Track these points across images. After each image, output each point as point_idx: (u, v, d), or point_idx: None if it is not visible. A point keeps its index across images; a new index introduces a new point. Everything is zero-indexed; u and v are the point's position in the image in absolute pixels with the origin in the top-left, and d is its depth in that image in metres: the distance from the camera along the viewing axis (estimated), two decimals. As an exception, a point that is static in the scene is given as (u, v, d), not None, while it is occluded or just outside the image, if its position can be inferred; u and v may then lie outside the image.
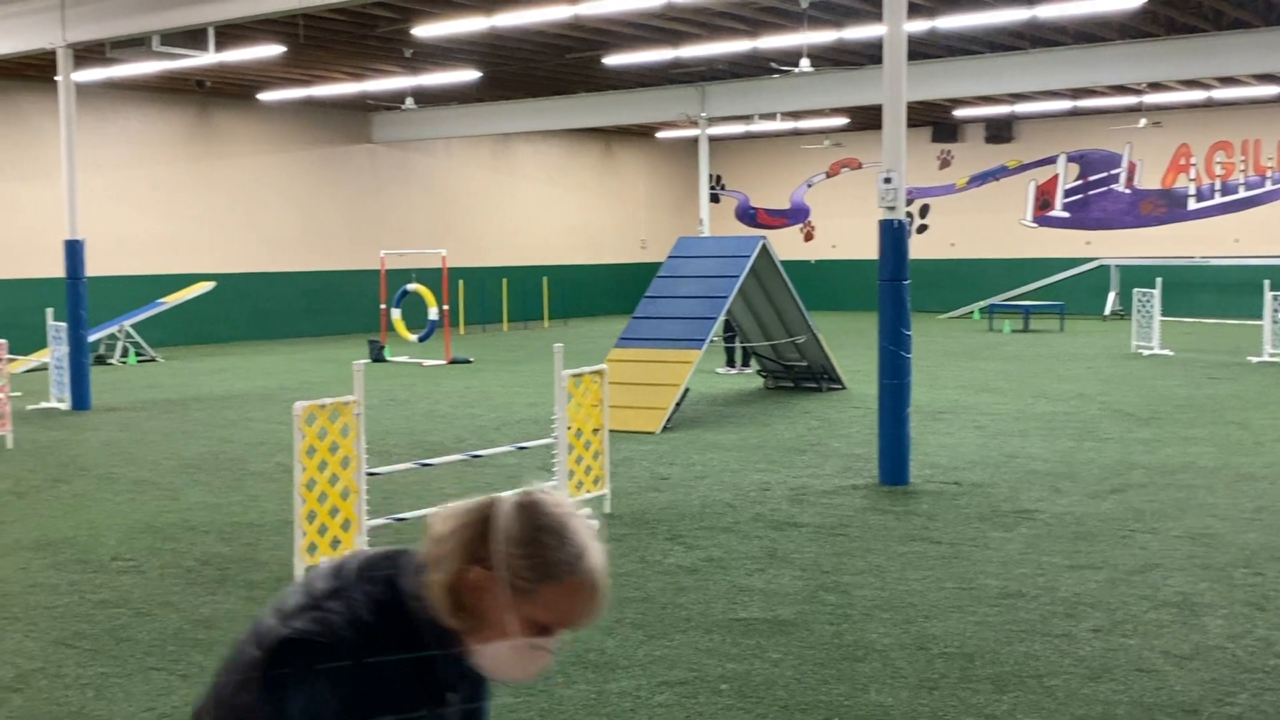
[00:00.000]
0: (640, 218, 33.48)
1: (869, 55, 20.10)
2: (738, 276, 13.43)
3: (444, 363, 19.65)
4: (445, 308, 20.84)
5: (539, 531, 2.08)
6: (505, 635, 2.09)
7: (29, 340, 18.64)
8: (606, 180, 32.63)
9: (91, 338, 17.20)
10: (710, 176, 25.95)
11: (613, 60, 19.50)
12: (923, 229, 31.28)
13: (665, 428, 12.26)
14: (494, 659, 2.13)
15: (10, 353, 12.58)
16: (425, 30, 16.18)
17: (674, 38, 18.01)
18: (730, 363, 17.73)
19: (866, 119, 27.44)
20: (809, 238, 33.44)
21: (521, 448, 9.60)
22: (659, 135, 31.42)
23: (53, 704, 5.12)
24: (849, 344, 20.42)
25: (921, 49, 19.17)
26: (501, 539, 2.07)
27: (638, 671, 5.40)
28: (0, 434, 11.79)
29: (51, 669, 5.54)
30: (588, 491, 8.43)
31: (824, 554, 7.39)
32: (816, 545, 7.61)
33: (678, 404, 12.62)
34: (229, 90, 23.27)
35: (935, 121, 29.58)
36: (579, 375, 8.46)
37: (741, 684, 5.23)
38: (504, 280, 28.52)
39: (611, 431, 9.05)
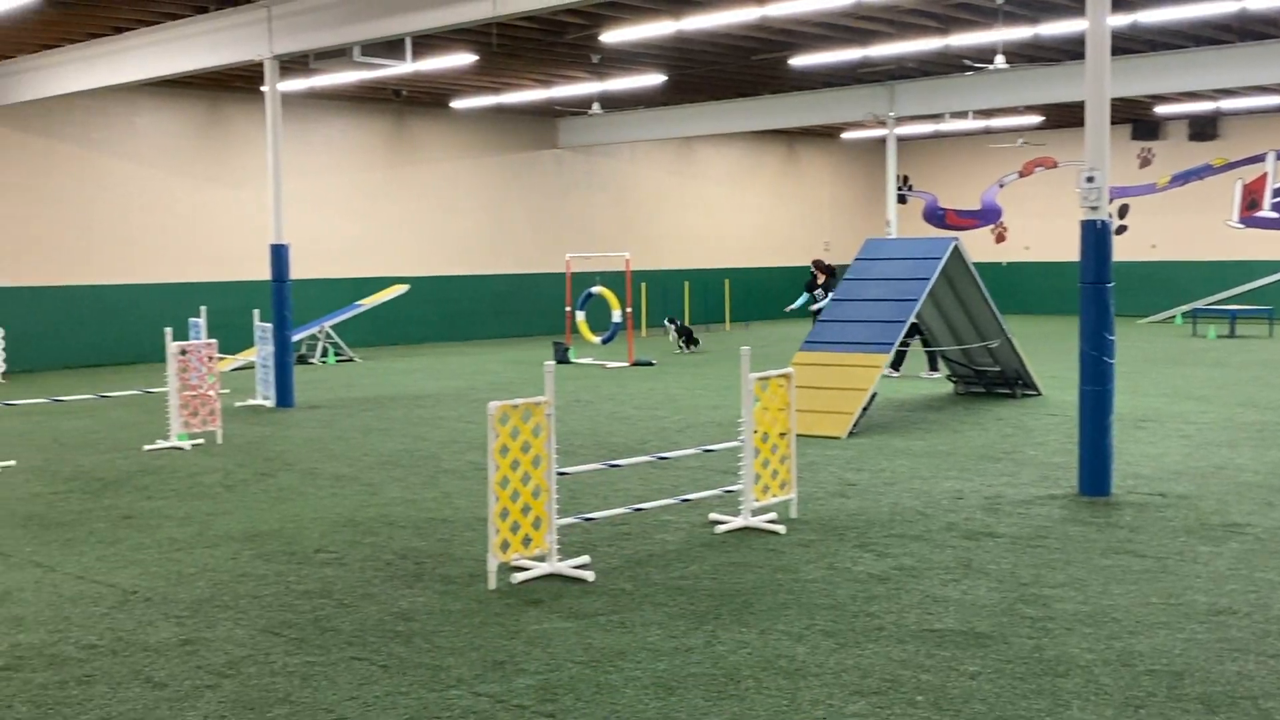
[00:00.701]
0: (824, 219, 33.17)
1: (1066, 51, 19.50)
2: (928, 279, 13.15)
3: (627, 364, 19.81)
4: (628, 310, 21.02)
5: None
6: None
7: (237, 340, 19.53)
8: (790, 182, 32.44)
9: (294, 338, 17.91)
10: (897, 177, 25.53)
11: (799, 61, 19.36)
12: (1121, 230, 30.14)
13: (851, 433, 12.09)
14: None
15: (219, 352, 13.17)
16: (613, 35, 16.34)
17: (862, 37, 17.77)
18: (895, 365, 17.12)
19: (1062, 117, 26.64)
20: (1000, 239, 32.61)
21: (707, 450, 9.60)
22: (844, 136, 31.07)
23: (261, 690, 5.32)
24: (1043, 349, 19.84)
25: (1123, 44, 18.48)
26: None
27: (829, 680, 5.32)
28: (211, 429, 12.37)
29: (260, 656, 5.76)
30: (774, 496, 8.37)
31: (1022, 565, 7.17)
32: (1013, 556, 7.39)
33: (865, 409, 12.44)
34: (423, 98, 23.96)
35: (1135, 119, 28.51)
36: (765, 378, 8.40)
37: (937, 696, 5.10)
38: (685, 283, 28.61)
39: (797, 436, 8.95)
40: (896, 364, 17.27)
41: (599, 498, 9.14)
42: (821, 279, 18.49)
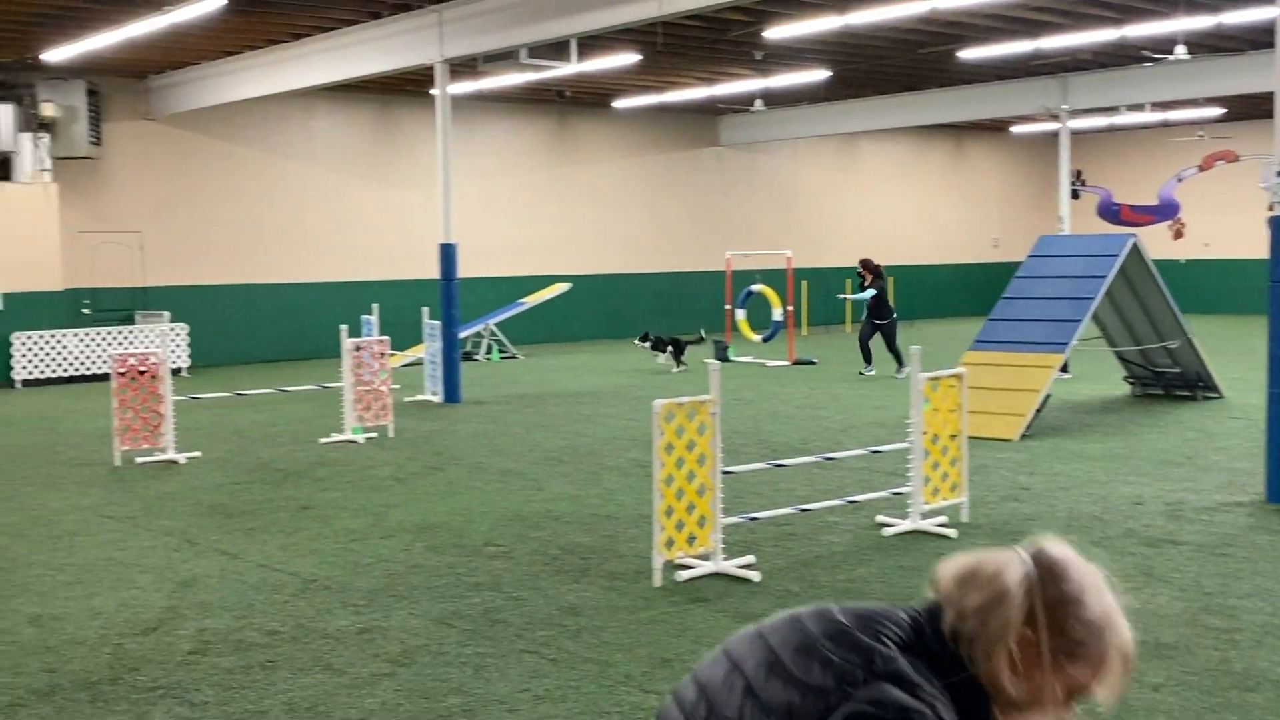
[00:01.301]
0: (992, 216, 32.42)
1: (1250, 40, 18.65)
2: (1104, 277, 12.73)
3: (788, 363, 19.68)
4: (789, 308, 20.86)
5: (1081, 592, 2.08)
6: (1043, 701, 2.07)
7: (406, 336, 20.01)
8: (956, 178, 31.79)
9: (461, 335, 18.26)
10: (1070, 171, 24.79)
11: (968, 54, 18.95)
12: (1308, 226, 28.71)
13: (1024, 435, 11.78)
14: None
15: (391, 348, 13.52)
16: (777, 32, 16.23)
17: (1034, 28, 17.29)
18: (1062, 368, 16.46)
19: (1244, 109, 25.51)
20: (1178, 235, 31.41)
21: (875, 451, 9.47)
22: (1013, 130, 30.31)
23: (435, 680, 5.43)
24: (1225, 350, 19.02)
25: (1313, 29, 17.59)
26: (1050, 602, 2.06)
27: (1004, 687, 5.17)
28: (383, 424, 12.71)
29: (434, 646, 5.88)
30: (944, 499, 8.21)
31: (1206, 574, 6.88)
32: (1197, 564, 7.10)
33: (1038, 410, 12.10)
34: (585, 99, 24.19)
35: (1325, 108, 27.11)
36: (936, 379, 8.24)
37: (1119, 708, 4.92)
38: (847, 281, 28.25)
39: (967, 438, 8.75)
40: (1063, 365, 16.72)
41: (763, 497, 9.09)
42: (868, 279, 18.23)
